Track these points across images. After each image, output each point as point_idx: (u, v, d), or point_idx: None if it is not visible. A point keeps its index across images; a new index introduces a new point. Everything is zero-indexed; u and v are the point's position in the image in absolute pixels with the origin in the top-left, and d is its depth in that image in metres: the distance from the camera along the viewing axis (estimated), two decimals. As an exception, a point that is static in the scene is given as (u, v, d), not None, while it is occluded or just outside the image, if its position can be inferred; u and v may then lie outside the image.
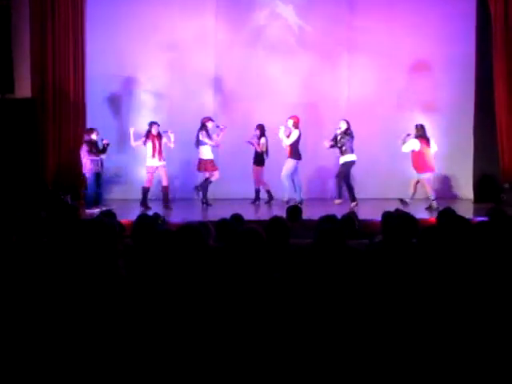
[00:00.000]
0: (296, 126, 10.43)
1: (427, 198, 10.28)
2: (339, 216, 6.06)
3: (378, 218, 5.37)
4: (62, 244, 4.15)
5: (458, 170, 11.71)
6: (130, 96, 11.76)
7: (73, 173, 11.05)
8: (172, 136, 10.45)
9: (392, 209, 6.08)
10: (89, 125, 11.13)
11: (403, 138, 10.22)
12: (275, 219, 4.72)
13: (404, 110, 11.77)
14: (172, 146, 10.51)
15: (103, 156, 10.43)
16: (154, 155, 10.32)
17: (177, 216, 9.18)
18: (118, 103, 11.69)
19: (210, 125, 10.58)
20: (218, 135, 10.74)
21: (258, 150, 10.90)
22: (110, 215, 5.94)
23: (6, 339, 2.85)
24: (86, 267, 3.03)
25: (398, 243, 3.97)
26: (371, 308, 3.19)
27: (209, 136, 10.54)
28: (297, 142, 10.42)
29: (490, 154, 11.32)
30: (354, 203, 10.10)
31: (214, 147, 10.64)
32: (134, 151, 11.11)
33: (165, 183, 10.41)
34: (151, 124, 10.39)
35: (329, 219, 5.42)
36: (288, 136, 10.41)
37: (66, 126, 11.04)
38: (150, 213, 7.08)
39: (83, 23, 11.02)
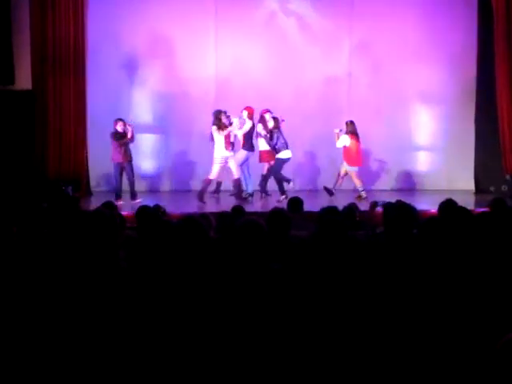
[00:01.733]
0: (250, 117, 10.35)
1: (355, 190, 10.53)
2: (340, 207, 6.05)
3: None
4: (62, 235, 4.15)
5: (459, 160, 11.68)
6: (130, 89, 11.72)
7: (73, 164, 11.06)
8: (236, 121, 10.14)
9: (393, 200, 6.06)
10: (89, 116, 11.13)
11: (337, 135, 10.40)
12: (276, 211, 4.71)
13: (405, 101, 11.74)
14: (240, 134, 10.19)
15: (129, 142, 10.05)
16: (226, 146, 10.03)
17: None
18: (119, 96, 11.65)
19: (267, 116, 10.38)
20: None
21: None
22: (110, 207, 5.93)
23: (6, 329, 2.85)
24: (86, 258, 3.02)
25: (399, 234, 3.96)
26: (373, 299, 3.18)
27: (266, 128, 10.34)
28: (249, 133, 10.34)
29: (491, 144, 11.29)
30: (282, 196, 9.96)
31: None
32: (136, 144, 11.12)
33: (237, 175, 10.10)
34: (220, 112, 10.00)
35: (330, 211, 5.41)
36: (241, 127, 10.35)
37: (67, 118, 11.02)
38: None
39: (84, 15, 10.98)
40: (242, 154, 10.41)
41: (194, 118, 11.06)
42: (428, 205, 8.42)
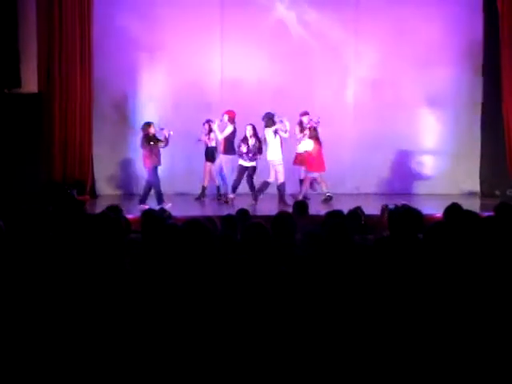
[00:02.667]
0: (231, 121, 10.32)
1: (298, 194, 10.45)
2: (346, 211, 6.04)
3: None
4: (67, 239, 4.15)
5: (465, 164, 11.66)
6: (136, 91, 11.74)
7: (79, 167, 11.09)
8: (287, 124, 10.13)
9: (399, 204, 6.06)
10: (95, 119, 11.18)
11: (299, 139, 10.44)
12: (282, 214, 4.71)
13: (410, 104, 11.72)
14: (287, 135, 10.17)
15: (163, 147, 10.00)
16: (281, 148, 10.12)
17: None
18: (124, 98, 11.68)
19: (305, 119, 10.39)
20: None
21: (209, 144, 10.71)
22: (115, 210, 5.93)
23: (11, 332, 2.85)
24: (91, 262, 3.02)
25: (404, 238, 3.95)
26: (377, 302, 3.18)
27: (302, 130, 10.37)
28: (230, 137, 10.32)
29: (497, 148, 11.27)
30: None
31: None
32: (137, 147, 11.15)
33: (282, 179, 10.13)
34: (273, 115, 10.00)
35: (336, 214, 5.41)
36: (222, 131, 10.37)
37: (73, 121, 11.04)
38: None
39: (90, 17, 11.01)
40: (223, 158, 10.42)
41: (198, 123, 11.04)
42: (434, 209, 8.39)
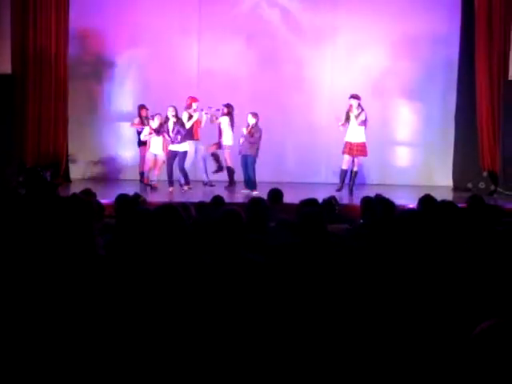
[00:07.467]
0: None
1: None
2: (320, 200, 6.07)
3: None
4: (40, 221, 4.11)
5: (438, 157, 11.78)
6: (111, 76, 11.65)
7: (53, 151, 10.96)
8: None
9: (372, 194, 6.10)
10: (70, 103, 11.05)
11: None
12: (256, 201, 4.72)
13: (386, 97, 11.78)
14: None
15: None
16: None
17: None
18: (100, 82, 11.59)
19: (353, 102, 10.28)
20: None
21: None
22: (89, 194, 5.90)
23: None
24: (62, 244, 3.00)
25: (377, 227, 3.99)
26: (352, 290, 3.20)
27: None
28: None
29: (470, 142, 11.37)
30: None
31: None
32: (118, 134, 11.04)
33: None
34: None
35: (310, 202, 5.43)
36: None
37: (47, 103, 10.90)
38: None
39: (66, 3, 10.89)
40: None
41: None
42: (406, 200, 8.47)
